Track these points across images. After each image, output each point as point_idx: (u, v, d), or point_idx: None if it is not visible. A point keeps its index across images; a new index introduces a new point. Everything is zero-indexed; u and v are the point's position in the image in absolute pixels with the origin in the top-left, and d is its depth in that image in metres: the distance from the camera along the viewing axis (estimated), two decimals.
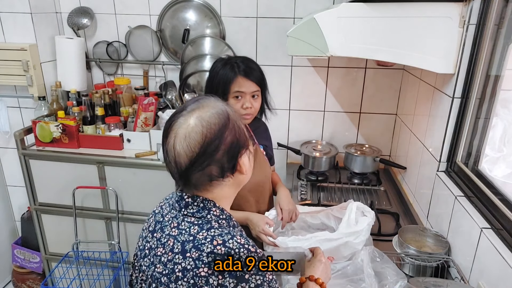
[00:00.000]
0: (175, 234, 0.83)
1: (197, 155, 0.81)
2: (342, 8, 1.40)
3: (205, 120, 0.82)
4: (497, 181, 1.26)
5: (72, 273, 2.23)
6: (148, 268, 0.86)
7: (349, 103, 2.26)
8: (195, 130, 0.81)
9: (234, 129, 0.85)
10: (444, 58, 1.40)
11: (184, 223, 0.84)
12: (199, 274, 0.75)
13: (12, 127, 2.37)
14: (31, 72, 2.16)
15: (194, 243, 0.79)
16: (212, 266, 0.75)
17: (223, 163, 0.84)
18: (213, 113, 0.84)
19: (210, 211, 0.86)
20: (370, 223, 1.35)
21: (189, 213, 0.85)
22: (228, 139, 0.84)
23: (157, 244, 0.85)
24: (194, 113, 0.83)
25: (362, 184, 2.08)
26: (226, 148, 0.83)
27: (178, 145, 0.82)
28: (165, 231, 0.86)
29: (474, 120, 1.39)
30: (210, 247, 0.77)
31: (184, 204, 0.86)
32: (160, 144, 2.02)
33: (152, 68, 2.37)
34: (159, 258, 0.83)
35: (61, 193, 2.13)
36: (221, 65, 1.43)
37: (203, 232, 0.80)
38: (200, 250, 0.77)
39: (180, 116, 0.84)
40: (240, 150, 0.87)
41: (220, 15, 2.19)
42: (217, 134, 0.82)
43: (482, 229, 1.16)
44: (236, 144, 0.86)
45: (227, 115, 0.86)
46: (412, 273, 1.36)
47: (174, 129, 0.83)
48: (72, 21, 2.25)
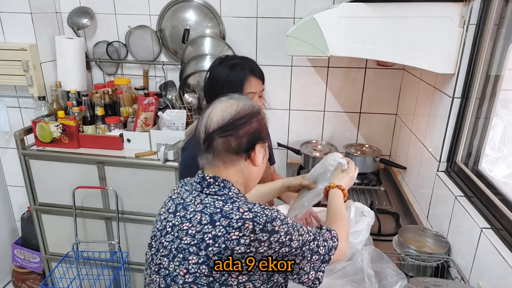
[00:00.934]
0: (201, 209, 0.91)
1: (225, 124, 0.94)
2: (342, 8, 1.40)
3: (242, 103, 0.98)
4: (497, 181, 1.26)
5: (72, 273, 2.23)
6: (171, 242, 0.92)
7: (349, 103, 2.26)
8: (232, 106, 0.96)
9: (261, 121, 0.99)
10: (444, 58, 1.40)
11: (208, 199, 0.93)
12: (230, 238, 0.84)
13: (12, 127, 2.37)
14: (31, 72, 2.16)
15: (222, 213, 0.88)
16: (243, 230, 0.84)
17: (242, 141, 0.95)
18: (249, 102, 1.00)
19: (230, 189, 0.96)
20: (370, 223, 1.35)
21: (212, 191, 0.95)
22: (254, 125, 0.97)
23: (181, 220, 0.93)
24: (234, 99, 1.00)
25: (362, 184, 2.08)
26: (250, 131, 0.96)
27: (213, 113, 0.96)
28: (189, 209, 0.94)
29: (474, 120, 1.39)
30: (238, 214, 0.86)
31: (206, 184, 0.96)
32: (160, 144, 2.04)
33: (152, 68, 2.37)
34: (185, 231, 0.90)
35: (61, 193, 2.13)
36: (228, 68, 1.39)
37: (228, 205, 0.90)
38: (229, 218, 0.86)
39: (221, 98, 1.00)
40: (259, 140, 0.98)
41: (220, 15, 2.19)
42: (247, 115, 0.96)
43: (482, 229, 1.16)
44: (258, 133, 0.98)
45: (259, 110, 1.01)
46: (412, 273, 1.36)
47: (214, 103, 0.99)
48: (72, 21, 2.25)
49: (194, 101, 2.23)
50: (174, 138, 2.00)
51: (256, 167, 1.01)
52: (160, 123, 2.09)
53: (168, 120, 2.07)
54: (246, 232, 0.85)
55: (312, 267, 0.94)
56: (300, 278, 0.93)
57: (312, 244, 0.94)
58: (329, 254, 0.98)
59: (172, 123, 2.07)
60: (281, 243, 0.88)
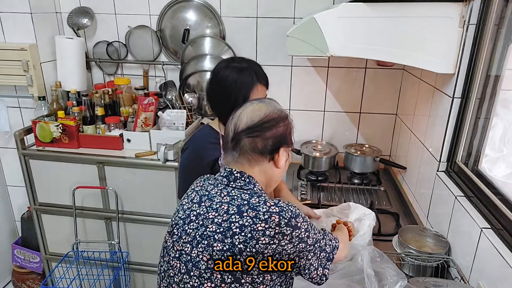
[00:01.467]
0: (228, 200, 0.97)
1: (254, 125, 0.99)
2: (342, 8, 1.40)
3: (271, 107, 1.04)
4: (497, 181, 1.26)
5: (72, 273, 2.23)
6: (195, 230, 0.97)
7: (349, 103, 2.26)
8: (262, 109, 1.02)
9: (287, 127, 1.05)
10: (444, 58, 1.40)
11: (235, 191, 0.99)
12: (257, 229, 0.90)
13: (12, 127, 2.37)
14: (31, 72, 2.16)
15: (250, 205, 0.93)
16: (269, 222, 0.90)
17: (267, 143, 1.00)
18: (278, 107, 1.06)
19: (255, 185, 1.01)
20: (371, 225, 1.35)
21: (238, 185, 1.00)
22: (281, 129, 1.02)
23: (207, 210, 0.98)
24: (264, 102, 1.06)
25: (362, 184, 2.08)
26: (276, 134, 1.01)
27: (244, 114, 1.02)
28: (215, 200, 0.98)
29: (474, 120, 1.39)
30: (265, 207, 0.92)
31: (233, 178, 1.01)
32: (160, 144, 2.04)
33: (152, 68, 2.37)
34: (211, 220, 0.95)
35: (61, 193, 2.13)
36: (236, 72, 1.36)
37: (255, 198, 0.96)
38: (256, 210, 0.92)
39: (252, 101, 1.07)
40: (284, 143, 1.03)
41: (220, 15, 2.19)
42: (275, 119, 1.01)
43: (482, 229, 1.16)
44: (284, 137, 1.03)
45: (286, 115, 1.06)
46: (412, 273, 1.36)
47: (245, 105, 1.04)
48: (72, 21, 2.25)
49: (194, 101, 2.23)
50: (174, 138, 2.00)
51: (279, 169, 1.06)
52: (160, 123, 2.09)
53: (168, 120, 2.07)
54: (272, 224, 0.90)
55: (319, 264, 1.01)
56: (310, 274, 0.99)
57: (322, 242, 1.02)
58: (332, 253, 1.05)
59: (172, 123, 2.07)
60: (301, 238, 0.94)
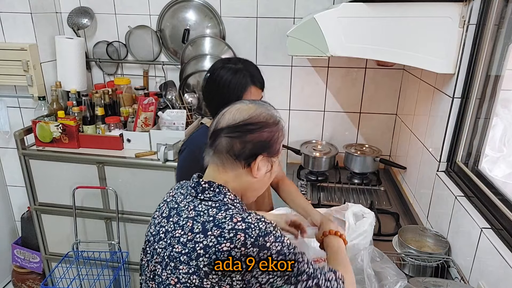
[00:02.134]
0: (193, 216, 0.88)
1: (235, 124, 0.91)
2: (342, 8, 1.40)
3: (260, 110, 0.95)
4: (497, 181, 1.26)
5: (72, 273, 2.23)
6: (164, 249, 0.89)
7: (349, 103, 2.26)
8: (248, 110, 0.94)
9: (274, 134, 0.95)
10: (444, 58, 1.40)
11: (202, 206, 0.89)
12: (221, 249, 0.80)
13: (12, 127, 2.37)
14: (31, 72, 2.16)
15: (215, 222, 0.84)
16: (234, 241, 0.80)
17: (245, 147, 0.91)
18: (269, 112, 0.96)
19: (225, 195, 0.92)
20: (372, 223, 1.35)
21: (206, 197, 0.91)
22: (264, 135, 0.93)
23: (174, 227, 0.89)
24: (255, 104, 0.97)
25: (362, 184, 2.08)
26: (258, 139, 0.92)
27: (228, 112, 0.94)
28: (182, 215, 0.90)
29: (474, 120, 1.39)
30: (231, 224, 0.82)
31: (201, 189, 0.92)
32: (160, 144, 2.04)
33: (152, 68, 2.37)
34: (177, 239, 0.87)
35: (61, 193, 2.13)
36: (230, 73, 1.36)
37: (222, 213, 0.86)
38: (221, 228, 0.82)
39: (243, 101, 1.00)
40: (264, 151, 0.93)
41: (220, 15, 2.19)
42: (260, 123, 0.92)
43: (482, 229, 1.16)
44: (266, 144, 0.93)
45: (277, 122, 0.97)
46: (412, 273, 1.36)
47: (234, 104, 0.97)
48: (72, 21, 2.25)
49: (194, 101, 2.23)
50: (174, 138, 2.00)
51: (256, 179, 0.95)
52: (160, 123, 2.09)
53: (168, 120, 2.07)
54: (238, 244, 0.79)
55: None
56: None
57: (311, 281, 0.83)
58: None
59: (172, 123, 2.07)
60: None
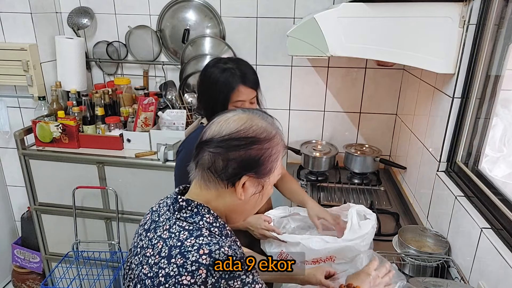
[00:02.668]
0: (165, 237, 0.81)
1: (219, 138, 0.81)
2: (342, 8, 1.40)
3: (252, 121, 0.83)
4: (497, 181, 1.26)
5: (72, 273, 2.23)
6: (136, 267, 0.84)
7: (349, 103, 2.26)
8: (237, 121, 0.83)
9: (265, 151, 0.82)
10: (444, 58, 1.40)
11: (175, 226, 0.82)
12: (181, 282, 0.73)
13: (12, 127, 2.37)
14: (31, 72, 2.16)
15: (181, 249, 0.76)
16: (195, 276, 0.73)
17: (228, 165, 0.81)
18: (262, 126, 0.83)
19: (203, 217, 0.83)
20: (374, 226, 1.35)
21: (182, 217, 0.83)
22: (252, 152, 0.81)
23: (148, 244, 0.83)
24: (250, 113, 0.86)
25: (362, 184, 2.08)
26: (243, 157, 0.81)
27: (216, 123, 0.84)
28: (157, 232, 0.83)
29: (474, 120, 1.39)
30: (196, 255, 0.75)
31: (178, 207, 0.84)
32: (160, 144, 2.03)
33: (152, 68, 2.37)
34: (147, 259, 0.81)
35: (61, 193, 2.13)
36: (219, 72, 1.37)
37: (192, 239, 0.78)
38: (185, 258, 0.75)
39: (238, 109, 0.89)
40: (251, 171, 0.82)
41: (220, 15, 2.19)
42: (248, 138, 0.81)
43: (482, 229, 1.16)
44: (255, 163, 0.82)
45: (272, 137, 0.84)
46: (412, 273, 1.36)
47: (225, 113, 0.87)
48: (72, 21, 2.25)
49: (194, 101, 2.23)
50: (174, 138, 2.00)
51: (240, 201, 0.85)
52: (160, 123, 2.09)
53: (168, 120, 2.07)
54: (198, 280, 0.72)
55: None
56: None
57: None
58: None
59: (172, 123, 2.07)
60: None
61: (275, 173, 0.88)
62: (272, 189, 0.92)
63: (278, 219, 1.55)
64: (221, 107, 1.38)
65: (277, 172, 0.88)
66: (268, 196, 0.91)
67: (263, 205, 1.54)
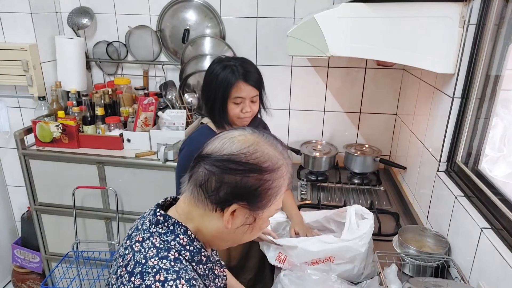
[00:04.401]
0: (135, 251, 0.77)
1: (217, 157, 0.75)
2: (342, 8, 1.40)
3: (258, 146, 0.76)
4: (497, 181, 1.26)
5: (72, 273, 2.23)
6: (111, 275, 0.80)
7: (349, 103, 2.26)
8: (242, 142, 0.76)
9: (265, 183, 0.75)
10: (444, 58, 1.40)
11: (148, 241, 0.77)
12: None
13: (12, 127, 2.37)
14: (31, 72, 2.16)
15: (142, 268, 0.73)
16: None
17: (221, 188, 0.74)
18: (269, 153, 0.76)
19: (177, 237, 0.78)
20: (372, 225, 1.35)
21: (157, 232, 0.79)
22: (250, 181, 0.74)
23: (122, 253, 0.80)
24: (259, 135, 0.79)
25: (362, 184, 2.08)
26: (239, 183, 0.74)
27: (221, 138, 0.78)
28: (132, 241, 0.80)
29: (474, 120, 1.39)
30: (151, 280, 0.71)
31: (155, 221, 0.80)
32: (160, 144, 2.03)
33: (152, 68, 2.37)
34: (116, 269, 0.78)
35: (61, 193, 2.13)
36: (221, 68, 1.39)
37: (155, 259, 0.74)
38: (142, 280, 0.71)
39: (246, 128, 0.81)
40: (244, 201, 0.75)
41: (220, 15, 2.19)
42: (247, 164, 0.74)
43: (482, 229, 1.16)
44: (250, 193, 0.75)
45: (276, 168, 0.76)
46: (412, 273, 1.36)
47: (233, 130, 0.80)
48: (72, 21, 2.25)
49: (194, 101, 2.23)
50: (174, 138, 2.00)
51: (226, 229, 0.78)
52: (160, 123, 2.09)
53: (168, 120, 2.07)
54: None
55: None
56: None
57: None
58: None
59: (172, 123, 2.07)
60: None
61: (272, 208, 0.79)
62: (267, 223, 0.83)
63: (277, 221, 1.55)
64: (220, 102, 1.40)
65: (275, 207, 0.80)
66: (260, 230, 0.83)
67: None
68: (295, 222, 1.52)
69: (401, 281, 1.25)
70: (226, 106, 1.40)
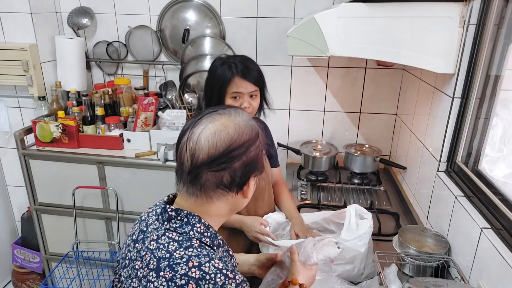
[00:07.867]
0: (152, 248, 0.78)
1: (219, 155, 0.78)
2: (342, 8, 1.40)
3: (239, 126, 0.81)
4: (497, 181, 1.26)
5: (72, 273, 2.23)
6: (125, 280, 0.81)
7: (349, 103, 2.26)
8: (227, 131, 0.79)
9: (259, 148, 0.84)
10: (444, 58, 1.40)
11: (164, 237, 0.79)
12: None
13: (12, 127, 2.37)
14: (31, 72, 2.16)
15: (170, 261, 0.74)
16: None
17: (236, 175, 0.80)
18: (247, 124, 0.83)
19: (194, 227, 0.80)
20: (371, 225, 1.35)
21: (172, 227, 0.81)
22: (251, 154, 0.81)
23: (136, 256, 0.81)
24: (228, 116, 0.82)
25: (362, 184, 2.08)
26: (246, 162, 0.81)
27: (204, 138, 0.78)
28: (145, 243, 0.81)
29: (474, 120, 1.39)
30: (185, 268, 0.72)
31: (167, 217, 0.81)
32: (160, 144, 2.03)
33: (152, 68, 2.37)
34: (136, 272, 0.78)
35: (61, 193, 2.13)
36: (219, 64, 1.42)
37: (181, 251, 0.76)
38: (174, 271, 0.72)
39: (213, 113, 0.83)
40: (255, 171, 0.84)
41: (220, 15, 2.19)
42: (244, 144, 0.80)
43: (482, 229, 1.16)
44: (255, 163, 0.83)
45: (258, 133, 0.84)
46: (412, 273, 1.36)
47: (204, 122, 0.81)
48: (72, 21, 2.25)
49: (194, 101, 2.23)
50: (174, 138, 1.97)
51: (246, 199, 0.87)
52: (160, 123, 2.09)
53: (168, 120, 2.07)
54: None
55: None
56: None
57: None
58: None
59: (172, 123, 2.07)
60: None
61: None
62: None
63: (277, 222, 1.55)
64: (217, 97, 1.41)
65: None
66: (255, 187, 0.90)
67: (263, 208, 1.56)
68: (295, 223, 1.52)
69: (401, 281, 1.25)
70: (223, 102, 1.42)
